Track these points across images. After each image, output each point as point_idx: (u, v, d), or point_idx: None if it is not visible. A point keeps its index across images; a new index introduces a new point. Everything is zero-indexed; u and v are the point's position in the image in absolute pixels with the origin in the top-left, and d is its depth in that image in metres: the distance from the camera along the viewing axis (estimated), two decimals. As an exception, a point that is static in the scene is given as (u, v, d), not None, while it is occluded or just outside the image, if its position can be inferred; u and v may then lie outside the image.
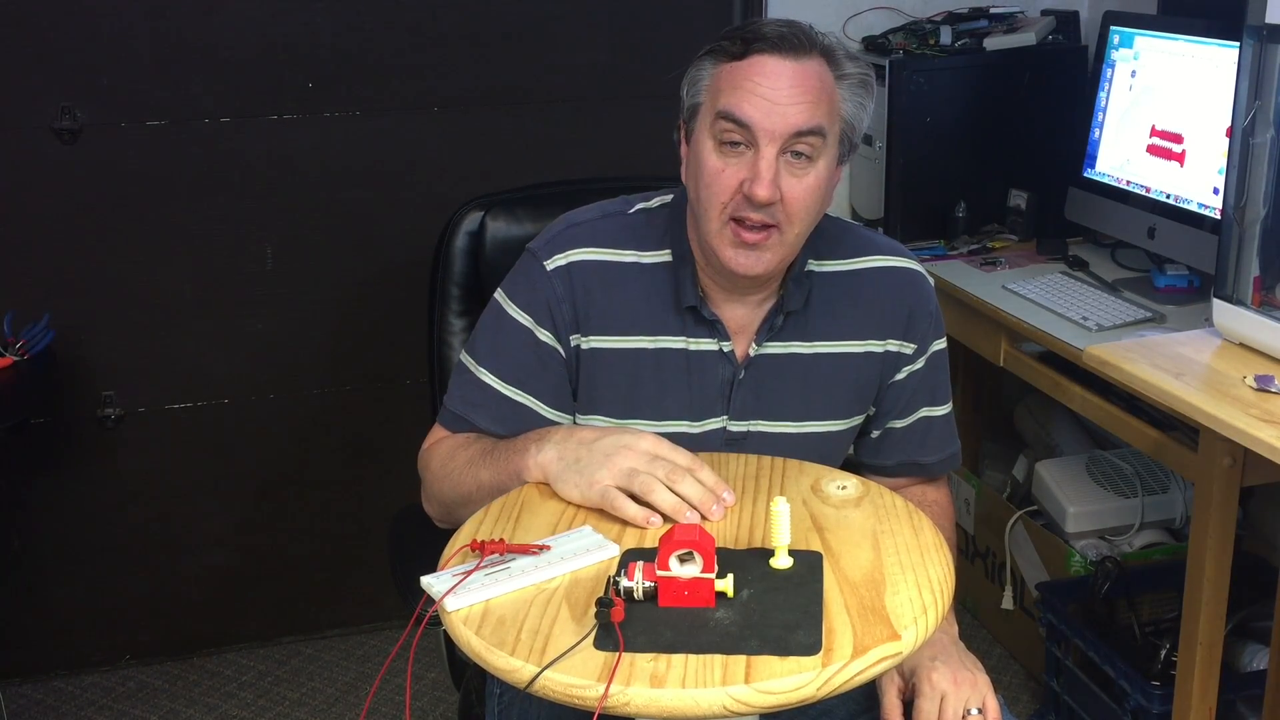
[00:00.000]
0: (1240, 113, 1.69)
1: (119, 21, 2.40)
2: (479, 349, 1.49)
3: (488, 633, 1.07)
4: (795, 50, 1.34)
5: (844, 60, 1.39)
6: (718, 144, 1.36)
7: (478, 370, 1.48)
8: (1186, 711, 1.95)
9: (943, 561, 1.18)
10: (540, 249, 1.48)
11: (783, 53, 1.34)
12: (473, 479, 1.41)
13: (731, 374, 1.47)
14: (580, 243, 1.47)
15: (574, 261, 1.46)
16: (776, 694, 1.00)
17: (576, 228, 1.49)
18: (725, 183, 1.36)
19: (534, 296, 1.46)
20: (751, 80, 1.34)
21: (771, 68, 1.34)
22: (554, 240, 1.48)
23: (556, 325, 1.46)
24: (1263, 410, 1.55)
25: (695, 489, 1.25)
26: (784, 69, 1.34)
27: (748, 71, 1.34)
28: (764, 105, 1.33)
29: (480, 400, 1.47)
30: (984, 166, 2.63)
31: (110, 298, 2.52)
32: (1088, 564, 2.40)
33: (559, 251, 1.46)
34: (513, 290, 1.49)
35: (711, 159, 1.36)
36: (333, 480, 2.75)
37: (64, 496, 2.60)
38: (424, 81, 2.58)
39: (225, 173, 2.52)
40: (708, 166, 1.37)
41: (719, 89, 1.36)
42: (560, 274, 1.45)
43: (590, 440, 1.31)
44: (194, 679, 2.68)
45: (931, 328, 1.53)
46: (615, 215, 1.50)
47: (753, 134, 1.34)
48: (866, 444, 1.59)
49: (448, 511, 1.47)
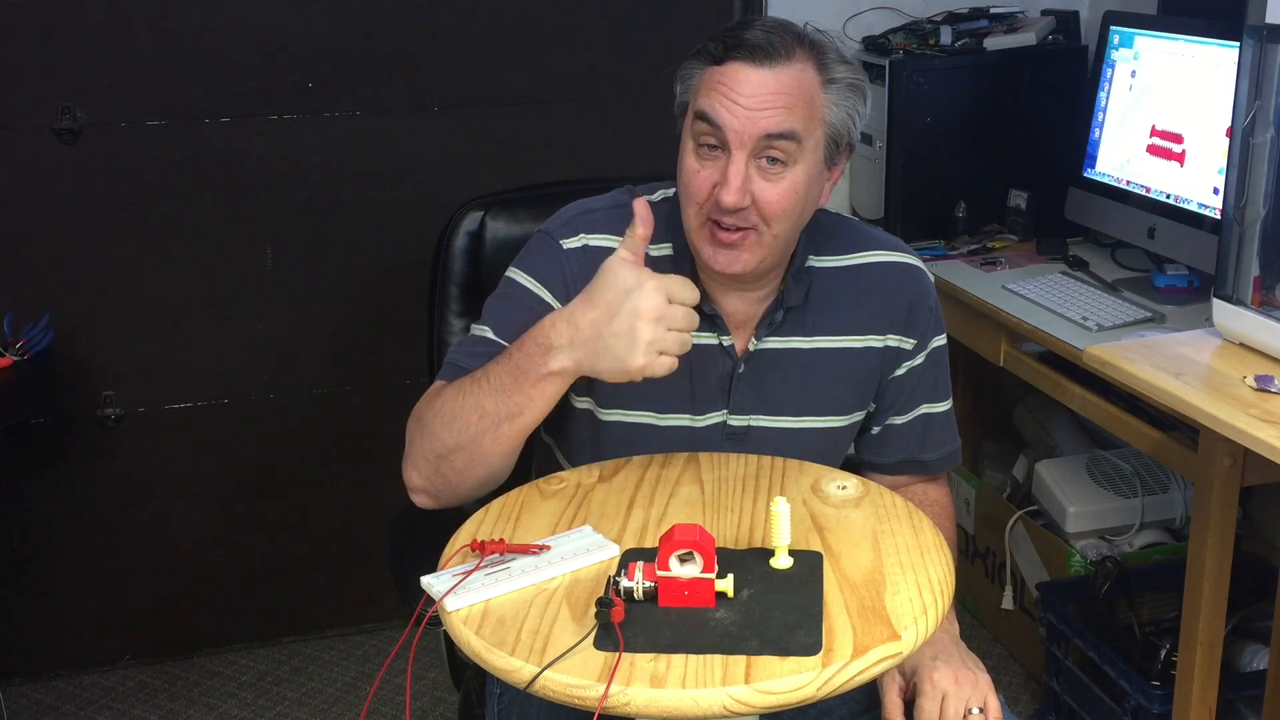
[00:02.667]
0: (1240, 113, 1.69)
1: (119, 21, 2.40)
2: (486, 314, 1.48)
3: (488, 633, 1.08)
4: (772, 59, 1.34)
5: (834, 64, 1.39)
6: (696, 145, 1.38)
7: (482, 329, 1.46)
8: (1186, 711, 1.95)
9: (943, 562, 1.18)
10: (556, 230, 1.48)
11: (758, 61, 1.34)
12: (475, 409, 1.33)
13: (731, 368, 1.48)
14: (595, 228, 1.47)
15: (589, 245, 1.46)
16: (776, 694, 1.00)
17: (591, 214, 1.49)
18: (700, 184, 1.37)
19: (549, 269, 1.46)
20: (725, 85, 1.35)
21: (744, 75, 1.34)
22: (570, 222, 1.49)
23: (568, 297, 1.41)
24: (1263, 410, 1.55)
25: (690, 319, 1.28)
26: (758, 77, 1.34)
27: (723, 76, 1.35)
28: (735, 110, 1.34)
29: (483, 351, 1.42)
30: (984, 166, 2.63)
31: (110, 298, 2.52)
32: (1088, 564, 2.40)
33: (574, 234, 1.47)
34: (526, 265, 1.48)
35: (689, 159, 1.39)
36: (332, 480, 2.75)
37: (64, 496, 2.60)
38: (424, 81, 2.58)
39: (225, 173, 2.52)
40: (685, 167, 1.39)
41: (699, 90, 1.38)
42: (576, 254, 1.46)
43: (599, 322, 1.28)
44: (194, 679, 2.68)
45: (932, 323, 1.53)
46: (624, 206, 1.48)
47: (724, 137, 1.35)
48: (867, 441, 1.59)
49: (436, 468, 1.36)
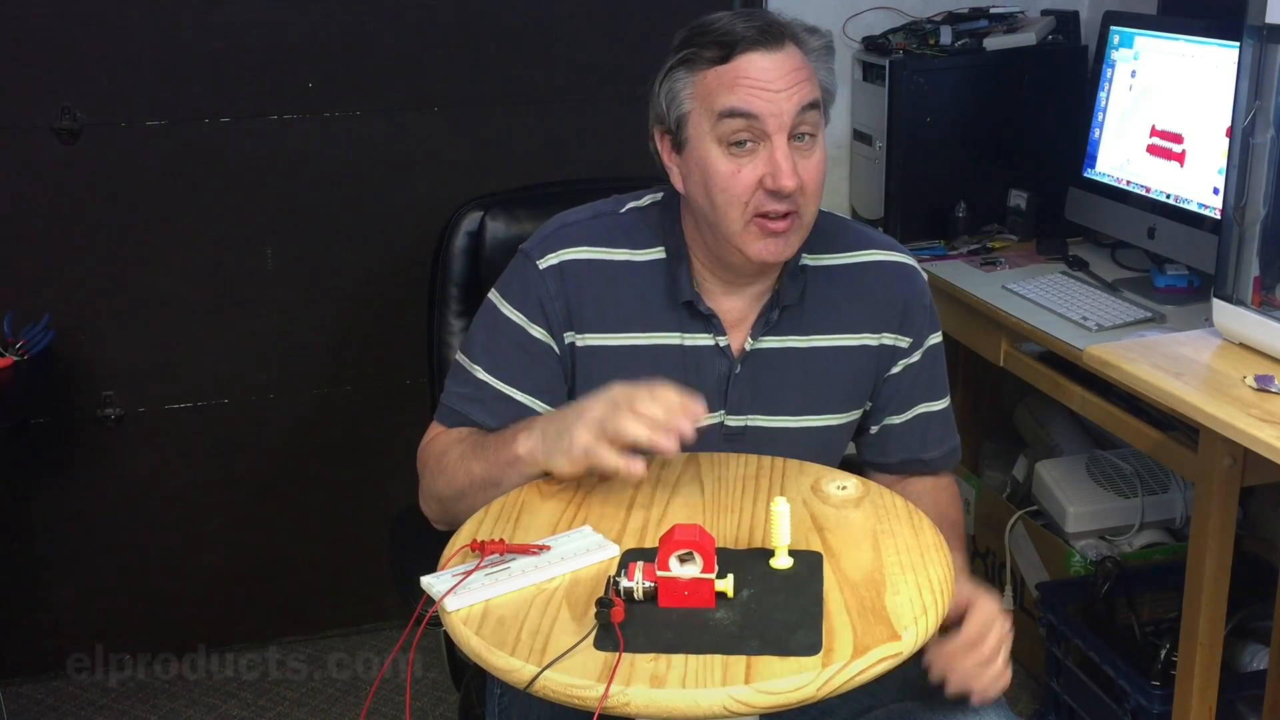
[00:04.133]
0: (1240, 113, 1.69)
1: (119, 21, 2.40)
2: (474, 347, 1.51)
3: (488, 633, 1.08)
4: (777, 41, 1.37)
5: (804, 35, 1.42)
6: (725, 146, 1.37)
7: (472, 367, 1.49)
8: (1186, 711, 1.94)
9: (943, 562, 1.18)
10: (533, 249, 1.49)
11: (768, 46, 1.37)
12: (465, 472, 1.42)
13: (728, 368, 1.48)
14: (572, 242, 1.48)
15: (566, 260, 1.47)
16: (776, 694, 1.00)
17: (569, 227, 1.50)
18: (743, 182, 1.37)
19: (527, 295, 1.47)
20: (749, 77, 1.36)
21: (761, 63, 1.36)
22: (546, 240, 1.49)
23: (550, 322, 1.47)
24: (1263, 410, 1.55)
25: (657, 408, 1.24)
26: (773, 61, 1.36)
27: (739, 70, 1.36)
28: (766, 96, 1.35)
29: (476, 395, 1.48)
30: (984, 166, 2.63)
31: (110, 298, 2.52)
32: (1088, 564, 2.40)
33: (551, 251, 1.48)
34: (506, 290, 1.50)
35: (722, 163, 1.38)
36: (333, 480, 2.75)
37: (64, 496, 2.60)
38: (424, 81, 2.58)
39: (225, 173, 2.52)
40: (720, 171, 1.38)
41: (711, 93, 1.38)
42: (552, 273, 1.47)
43: (565, 413, 1.33)
44: (194, 679, 2.68)
45: (927, 322, 1.54)
46: (607, 215, 1.51)
47: (762, 125, 1.35)
48: (867, 441, 1.59)
49: (443, 508, 1.47)
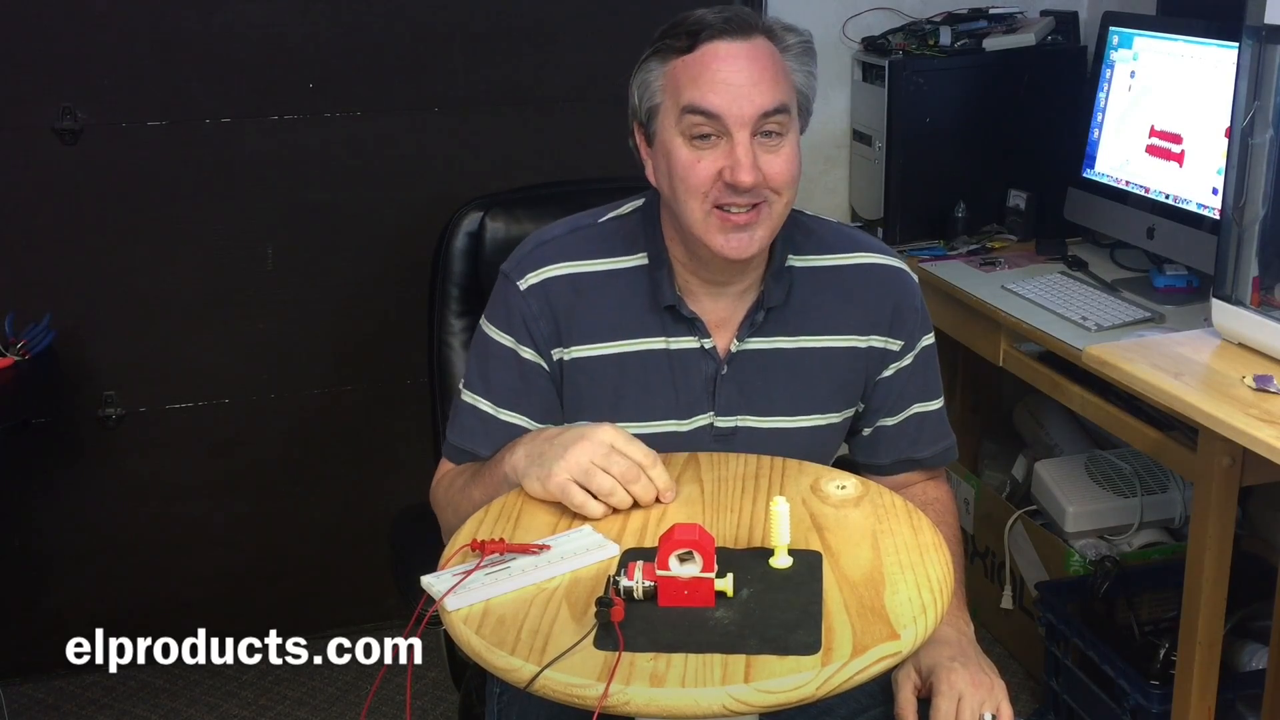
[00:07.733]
0: (1239, 113, 1.69)
1: (119, 21, 2.40)
2: (471, 377, 1.52)
3: (488, 632, 1.08)
4: (743, 31, 1.36)
5: (783, 32, 1.40)
6: (688, 139, 1.37)
7: (475, 400, 1.50)
8: (1186, 711, 1.95)
9: (942, 561, 1.18)
10: (512, 270, 1.50)
11: (731, 35, 1.35)
12: (467, 499, 1.42)
13: (714, 370, 1.48)
14: (550, 260, 1.48)
15: (547, 278, 1.47)
16: (776, 693, 1.00)
17: (545, 245, 1.50)
18: (702, 173, 1.37)
19: (511, 317, 1.48)
20: (710, 70, 1.35)
21: (725, 52, 1.35)
22: (524, 260, 1.49)
23: (536, 342, 1.47)
24: (1262, 410, 1.55)
25: (648, 491, 1.27)
26: (737, 51, 1.35)
27: (704, 61, 1.35)
28: (728, 92, 1.34)
29: (477, 428, 1.49)
30: (984, 166, 2.63)
31: (110, 298, 2.52)
32: (1087, 564, 2.40)
33: (530, 270, 1.48)
34: (492, 315, 1.51)
35: (683, 153, 1.38)
36: (333, 480, 2.75)
37: (64, 496, 2.60)
38: (424, 81, 2.58)
39: (225, 173, 2.52)
40: (681, 161, 1.38)
41: (677, 86, 1.37)
42: (534, 292, 1.47)
43: (553, 436, 1.33)
44: (194, 679, 2.68)
45: (919, 324, 1.54)
46: (584, 228, 1.52)
47: (723, 123, 1.35)
48: (860, 443, 1.59)
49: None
